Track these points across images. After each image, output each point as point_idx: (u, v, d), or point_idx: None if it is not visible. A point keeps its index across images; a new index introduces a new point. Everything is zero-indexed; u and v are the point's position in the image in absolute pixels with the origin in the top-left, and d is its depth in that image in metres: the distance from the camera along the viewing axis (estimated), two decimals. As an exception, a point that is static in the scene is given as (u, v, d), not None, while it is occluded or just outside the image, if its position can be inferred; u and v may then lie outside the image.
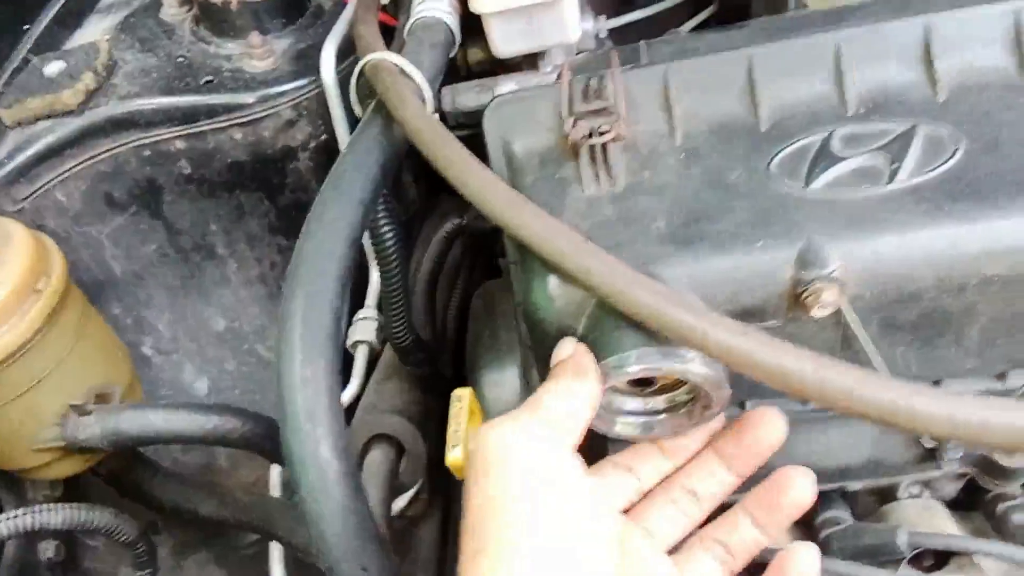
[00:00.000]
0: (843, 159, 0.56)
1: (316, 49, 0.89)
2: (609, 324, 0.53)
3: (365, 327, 0.94)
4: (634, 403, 0.57)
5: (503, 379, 0.75)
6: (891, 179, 0.55)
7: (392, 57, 0.72)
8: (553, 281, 0.56)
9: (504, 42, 0.81)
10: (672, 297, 0.49)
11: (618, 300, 0.50)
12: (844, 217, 0.54)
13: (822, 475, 0.58)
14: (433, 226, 0.97)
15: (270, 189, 0.98)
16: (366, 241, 0.84)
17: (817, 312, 0.52)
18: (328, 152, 0.96)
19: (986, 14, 0.58)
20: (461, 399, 0.55)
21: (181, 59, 0.95)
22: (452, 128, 0.74)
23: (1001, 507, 0.67)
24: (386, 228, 0.73)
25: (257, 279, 1.04)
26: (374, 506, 0.76)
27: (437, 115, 0.74)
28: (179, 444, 0.78)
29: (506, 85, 0.87)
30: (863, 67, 0.59)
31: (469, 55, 0.88)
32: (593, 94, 0.61)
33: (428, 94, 0.73)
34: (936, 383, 0.61)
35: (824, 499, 0.71)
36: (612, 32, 0.99)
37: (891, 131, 0.57)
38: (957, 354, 0.58)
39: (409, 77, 0.72)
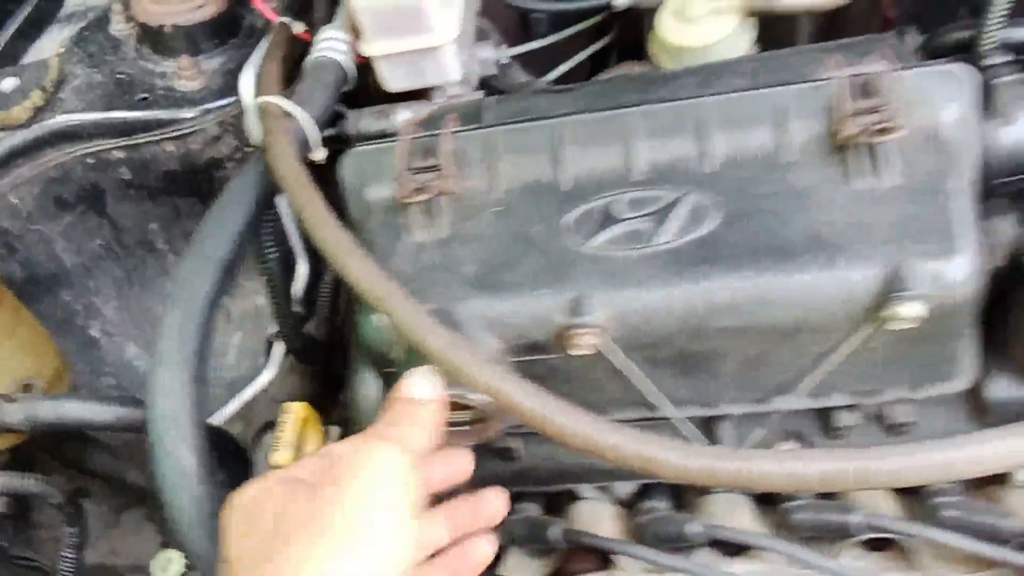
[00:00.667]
0: (619, 221, 0.67)
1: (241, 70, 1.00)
2: (416, 356, 0.65)
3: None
4: None
5: (371, 379, 0.87)
6: (651, 241, 0.65)
7: (279, 100, 0.82)
8: (376, 316, 0.68)
9: (392, 80, 0.92)
10: (455, 342, 0.60)
11: (416, 343, 0.62)
12: (609, 273, 0.65)
13: (586, 474, 0.70)
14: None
15: (201, 195, 1.09)
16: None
17: (576, 352, 0.64)
18: (252, 162, 1.07)
19: (758, 96, 0.68)
20: (289, 411, 0.67)
21: (122, 75, 1.06)
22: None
23: (782, 506, 0.79)
24: (268, 250, 0.84)
25: (195, 271, 1.16)
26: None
27: (321, 152, 0.85)
28: (90, 430, 0.91)
29: (402, 113, 0.97)
30: (652, 139, 0.69)
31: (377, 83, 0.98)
32: (427, 152, 0.72)
33: (312, 133, 0.84)
34: (707, 406, 0.73)
35: (648, 489, 0.83)
36: (516, 58, 1.09)
37: (665, 198, 0.67)
38: (717, 385, 0.69)
39: (294, 119, 0.83)
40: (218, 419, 1.06)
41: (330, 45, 0.91)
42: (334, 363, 0.99)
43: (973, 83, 0.64)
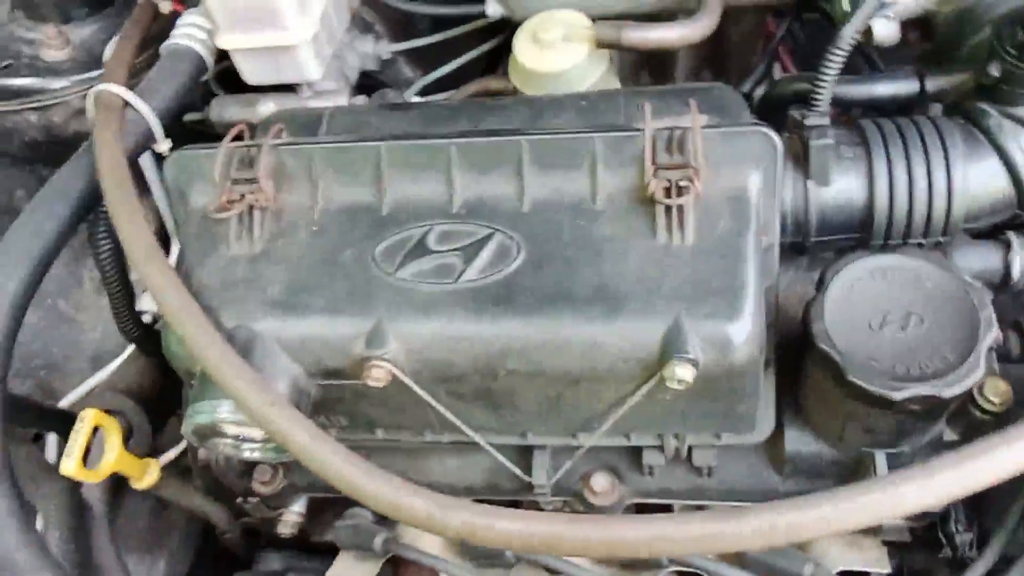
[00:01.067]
0: (430, 253, 0.67)
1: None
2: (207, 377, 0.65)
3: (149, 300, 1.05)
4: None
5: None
6: (458, 278, 0.66)
7: (119, 90, 0.81)
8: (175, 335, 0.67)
9: (249, 74, 0.91)
10: (238, 370, 0.60)
11: (202, 365, 0.62)
12: (411, 306, 0.65)
13: (454, 492, 0.71)
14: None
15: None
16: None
17: (371, 383, 0.64)
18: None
19: (573, 140, 0.68)
20: (83, 420, 0.67)
21: (-10, 40, 1.03)
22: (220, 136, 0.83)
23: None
24: (103, 242, 0.83)
25: (63, 241, 1.14)
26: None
27: (165, 144, 0.83)
28: None
29: (265, 104, 0.96)
30: (472, 173, 0.69)
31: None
32: (247, 163, 0.71)
33: (155, 124, 0.82)
34: (520, 436, 0.74)
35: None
36: (399, 54, 1.07)
37: (476, 234, 0.67)
38: (524, 418, 0.71)
39: (135, 110, 0.81)
40: (73, 396, 1.06)
41: (189, 32, 0.88)
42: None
43: (779, 147, 0.65)
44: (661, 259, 0.64)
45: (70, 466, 0.65)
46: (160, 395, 0.95)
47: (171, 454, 0.96)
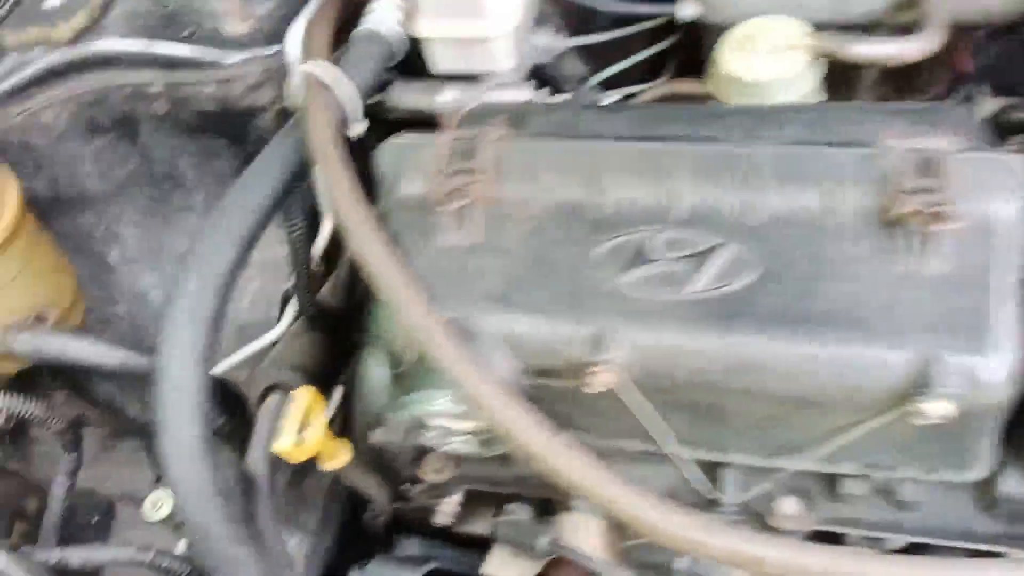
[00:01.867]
0: (653, 260, 0.65)
1: (293, 18, 0.98)
2: (426, 364, 0.64)
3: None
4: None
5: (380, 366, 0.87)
6: (684, 287, 0.64)
7: (325, 69, 0.80)
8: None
9: (439, 62, 0.90)
10: (466, 359, 0.60)
11: (425, 352, 0.61)
12: (636, 313, 0.64)
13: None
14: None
15: (236, 138, 1.08)
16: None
17: (590, 389, 0.63)
18: (288, 117, 1.05)
19: (813, 155, 0.65)
20: (294, 399, 0.67)
21: (168, 7, 1.04)
22: (394, 121, 0.83)
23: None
24: (296, 222, 0.83)
25: (219, 212, 1.15)
26: (263, 444, 0.90)
27: (359, 127, 0.83)
28: (91, 370, 0.92)
29: (449, 92, 0.95)
30: (700, 182, 0.67)
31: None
32: (467, 154, 0.70)
33: (354, 108, 0.82)
34: (715, 452, 0.72)
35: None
36: (574, 49, 1.06)
37: (703, 243, 0.66)
38: (727, 435, 0.69)
39: (334, 92, 0.81)
40: (224, 366, 1.07)
41: (381, 17, 0.88)
42: (345, 333, 0.99)
43: (1033, 178, 0.62)
44: (909, 286, 0.61)
45: (287, 443, 0.65)
46: (322, 372, 0.96)
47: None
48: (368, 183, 0.73)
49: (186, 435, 0.66)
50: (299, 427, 0.66)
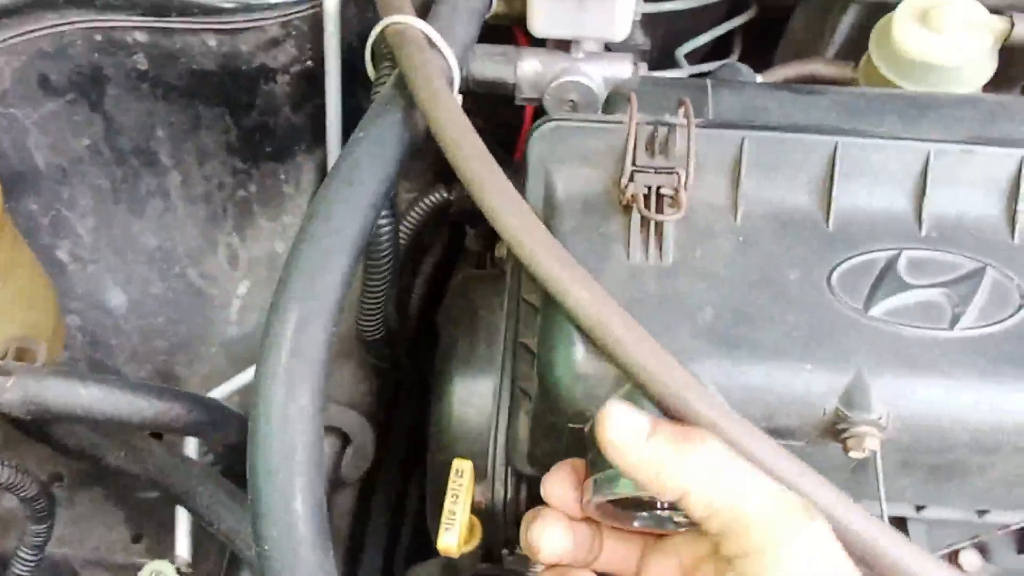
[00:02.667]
0: (908, 287, 0.52)
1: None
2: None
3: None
4: None
5: (473, 397, 0.70)
6: (953, 324, 0.51)
7: (420, 25, 0.62)
8: (582, 357, 0.50)
9: (546, 24, 0.73)
10: (722, 410, 0.45)
11: (657, 395, 0.46)
12: (898, 356, 0.50)
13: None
14: (409, 191, 0.88)
15: (235, 107, 0.86)
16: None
17: (854, 454, 0.49)
18: (309, 80, 0.85)
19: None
20: (461, 474, 0.50)
21: (157, -67, 0.80)
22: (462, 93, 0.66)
23: None
24: (384, 224, 0.64)
25: (201, 197, 0.93)
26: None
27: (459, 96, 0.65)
28: (110, 425, 0.69)
29: (531, 61, 0.79)
30: (945, 187, 0.54)
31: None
32: (659, 147, 0.54)
33: (456, 73, 0.64)
34: (919, 508, 0.61)
35: None
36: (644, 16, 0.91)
37: (960, 266, 0.53)
38: (955, 494, 0.57)
39: (438, 51, 0.63)
40: (224, 391, 0.86)
41: (474, -39, 0.70)
42: (397, 353, 0.81)
43: None
44: None
45: (452, 542, 0.47)
46: (373, 411, 0.77)
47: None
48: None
49: (304, 532, 0.47)
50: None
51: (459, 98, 0.65)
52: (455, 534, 0.48)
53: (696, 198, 0.55)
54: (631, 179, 0.53)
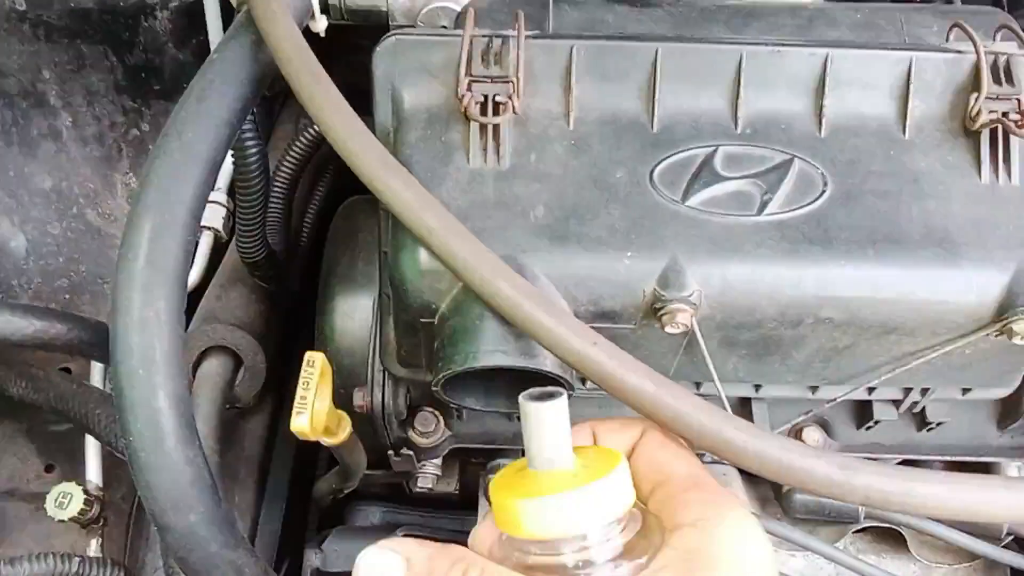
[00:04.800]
0: (722, 179, 0.58)
1: None
2: (472, 312, 0.53)
3: (213, 212, 0.89)
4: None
5: (354, 311, 0.74)
6: (760, 210, 0.57)
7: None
8: (424, 255, 0.55)
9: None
10: (536, 298, 0.49)
11: (482, 291, 0.50)
12: (709, 240, 0.56)
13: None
14: (297, 121, 0.91)
15: (117, 44, 0.88)
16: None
17: (670, 329, 0.55)
18: (191, 16, 0.87)
19: (882, 58, 0.60)
20: (313, 364, 0.54)
21: None
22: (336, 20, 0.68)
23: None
24: (251, 145, 0.67)
25: (93, 138, 0.94)
26: (206, 417, 0.75)
27: (322, 21, 0.68)
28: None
29: (400, -10, 0.81)
30: (759, 87, 0.59)
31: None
32: (494, 57, 0.58)
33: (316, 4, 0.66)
34: (757, 387, 0.67)
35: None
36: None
37: (770, 159, 0.58)
38: (781, 369, 0.63)
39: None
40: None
41: None
42: (282, 283, 0.84)
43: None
44: (988, 200, 0.57)
45: (304, 423, 0.52)
46: (264, 330, 0.81)
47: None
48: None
49: (167, 425, 0.51)
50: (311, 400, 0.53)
51: (323, 21, 0.68)
52: (306, 417, 0.52)
53: (532, 106, 0.59)
54: (468, 88, 0.57)
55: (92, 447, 0.84)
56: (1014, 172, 0.58)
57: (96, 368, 0.83)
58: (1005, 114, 0.57)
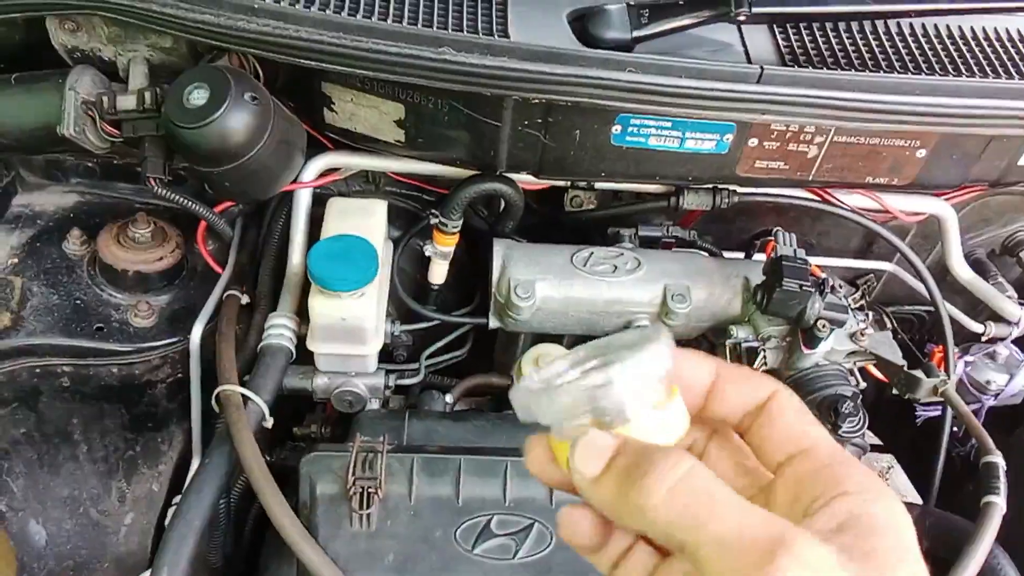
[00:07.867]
0: (495, 536, 1.03)
1: (188, 310, 1.26)
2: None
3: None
4: None
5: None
6: (514, 555, 1.02)
7: (240, 390, 1.10)
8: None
9: (323, 366, 1.23)
10: None
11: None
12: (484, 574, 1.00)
13: None
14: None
15: (129, 402, 1.31)
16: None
17: (460, 630, 0.98)
18: (180, 384, 1.31)
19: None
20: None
21: (79, 302, 1.27)
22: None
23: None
24: (222, 504, 1.11)
25: (101, 459, 1.36)
26: None
27: (269, 421, 1.13)
28: None
29: (321, 378, 1.28)
30: (517, 479, 1.06)
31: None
32: (368, 466, 1.04)
33: (266, 410, 1.12)
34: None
35: None
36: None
37: (521, 523, 1.04)
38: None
39: (252, 401, 1.11)
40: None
41: (280, 332, 1.20)
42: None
43: None
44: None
45: None
46: None
47: None
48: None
49: None
50: None
51: (270, 421, 1.13)
52: None
53: (391, 490, 1.05)
54: (353, 484, 1.02)
55: None
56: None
57: None
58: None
